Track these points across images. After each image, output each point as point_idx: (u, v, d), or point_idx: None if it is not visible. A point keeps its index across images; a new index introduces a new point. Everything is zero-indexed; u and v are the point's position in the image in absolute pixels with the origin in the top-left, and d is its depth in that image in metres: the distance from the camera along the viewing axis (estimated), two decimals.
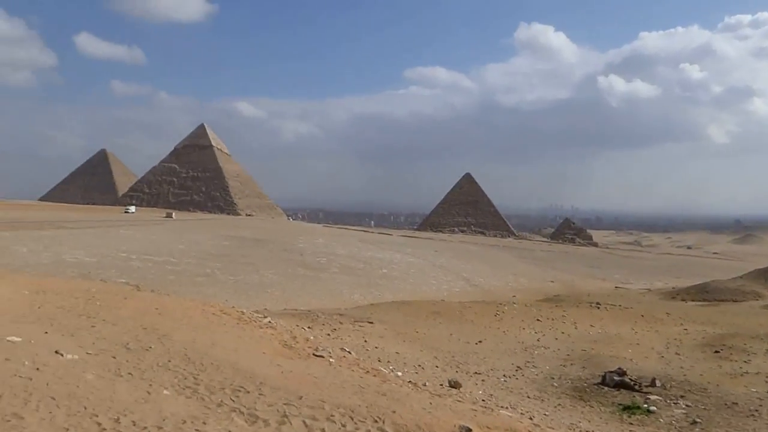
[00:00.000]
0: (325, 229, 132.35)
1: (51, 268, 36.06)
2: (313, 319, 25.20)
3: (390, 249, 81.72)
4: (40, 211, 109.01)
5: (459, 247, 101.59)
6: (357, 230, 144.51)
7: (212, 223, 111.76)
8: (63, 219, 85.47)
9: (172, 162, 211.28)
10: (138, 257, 45.47)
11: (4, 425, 5.97)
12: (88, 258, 41.85)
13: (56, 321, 11.47)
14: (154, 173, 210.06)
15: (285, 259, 55.85)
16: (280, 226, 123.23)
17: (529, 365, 20.60)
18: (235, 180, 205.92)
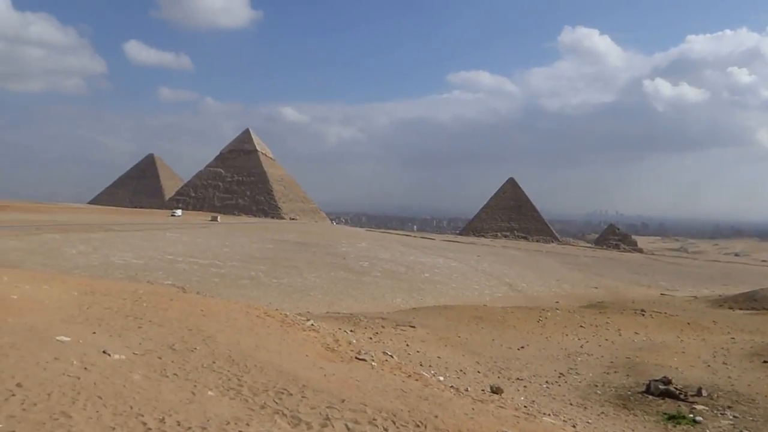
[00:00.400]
0: (368, 233, 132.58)
1: (99, 269, 36.79)
2: (356, 323, 25.21)
3: (432, 253, 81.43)
4: (90, 214, 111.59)
5: (502, 252, 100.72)
6: (399, 234, 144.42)
7: (256, 227, 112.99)
8: (111, 222, 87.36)
9: (217, 166, 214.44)
10: (184, 260, 46.13)
11: (53, 423, 6.06)
12: (135, 260, 42.61)
13: (104, 321, 11.66)
14: (200, 177, 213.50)
15: (328, 262, 56.06)
16: (324, 230, 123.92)
17: (572, 372, 20.24)
18: (279, 184, 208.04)
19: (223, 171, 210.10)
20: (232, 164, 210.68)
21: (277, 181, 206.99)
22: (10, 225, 65.03)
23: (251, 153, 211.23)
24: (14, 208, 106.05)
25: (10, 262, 34.39)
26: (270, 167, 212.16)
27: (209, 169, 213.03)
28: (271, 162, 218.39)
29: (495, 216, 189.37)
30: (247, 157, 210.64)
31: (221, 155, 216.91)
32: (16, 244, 46.17)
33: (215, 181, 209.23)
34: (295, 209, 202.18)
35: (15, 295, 13.62)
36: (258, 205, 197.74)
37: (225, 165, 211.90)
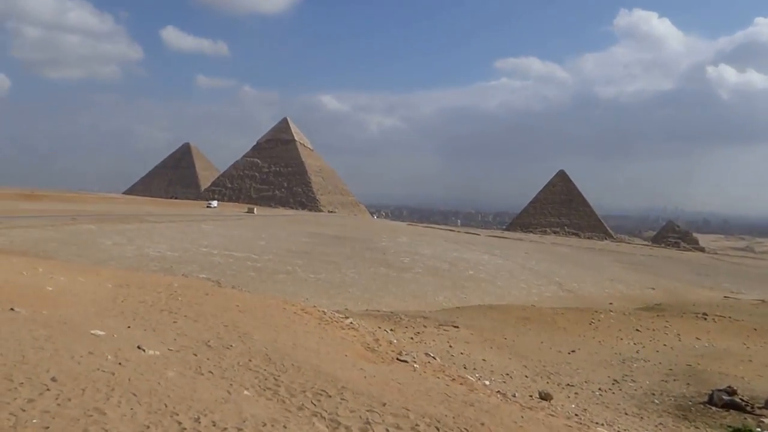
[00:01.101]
0: (409, 228, 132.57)
1: (134, 261, 37.51)
2: (396, 321, 25.24)
3: (477, 249, 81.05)
4: (125, 205, 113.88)
5: (551, 249, 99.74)
6: (442, 229, 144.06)
7: (294, 220, 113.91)
8: (146, 213, 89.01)
9: (254, 156, 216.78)
10: (219, 252, 46.74)
11: (87, 420, 6.17)
12: (170, 252, 43.33)
13: (138, 315, 11.88)
14: (237, 168, 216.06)
15: (367, 257, 56.21)
16: (363, 224, 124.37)
17: (626, 379, 19.95)
18: (318, 175, 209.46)
19: (260, 161, 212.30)
20: (270, 154, 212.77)
21: (315, 173, 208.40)
22: (45, 215, 66.80)
23: (289, 143, 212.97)
24: (50, 198, 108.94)
25: (45, 253, 35.29)
26: (308, 158, 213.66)
27: (246, 159, 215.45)
28: (309, 152, 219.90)
29: (544, 211, 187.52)
30: (284, 147, 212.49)
31: (258, 145, 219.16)
32: (51, 234, 47.36)
33: (252, 172, 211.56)
34: (333, 202, 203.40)
35: (50, 286, 13.96)
36: (295, 197, 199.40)
37: (262, 155, 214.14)
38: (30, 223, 54.51)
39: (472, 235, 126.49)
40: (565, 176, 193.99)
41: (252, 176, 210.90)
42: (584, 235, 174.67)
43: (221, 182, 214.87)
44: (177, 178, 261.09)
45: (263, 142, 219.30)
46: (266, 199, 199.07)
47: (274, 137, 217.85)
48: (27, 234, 45.93)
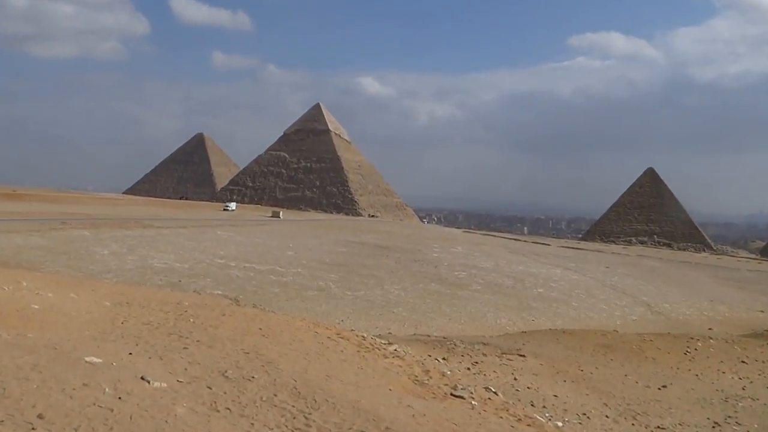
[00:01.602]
0: (467, 236, 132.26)
1: (136, 274, 37.98)
2: (450, 349, 25.07)
3: (548, 263, 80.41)
4: (125, 207, 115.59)
5: (637, 263, 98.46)
6: (506, 238, 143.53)
7: (327, 225, 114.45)
8: (151, 216, 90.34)
9: (280, 150, 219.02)
10: (238, 264, 47.12)
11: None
12: (179, 264, 43.81)
13: (142, 340, 11.91)
14: (260, 163, 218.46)
15: (415, 271, 56.12)
16: (411, 231, 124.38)
17: (730, 421, 19.50)
18: (357, 173, 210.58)
19: (287, 155, 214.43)
20: (299, 147, 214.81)
21: (353, 169, 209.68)
22: (30, 218, 67.96)
23: (322, 134, 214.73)
24: (35, 197, 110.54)
25: (30, 264, 35.90)
26: (345, 151, 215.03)
27: (270, 154, 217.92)
28: (346, 145, 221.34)
29: (629, 216, 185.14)
30: (317, 138, 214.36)
31: (285, 136, 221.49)
32: (37, 241, 48.18)
33: (278, 168, 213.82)
34: (375, 204, 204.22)
35: (36, 304, 14.09)
36: (329, 198, 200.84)
37: (290, 148, 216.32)
38: (11, 228, 55.29)
39: (541, 245, 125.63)
40: (654, 175, 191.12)
41: (278, 173, 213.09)
42: (677, 245, 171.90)
43: (241, 180, 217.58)
44: (188, 175, 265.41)
45: (291, 132, 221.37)
46: (294, 201, 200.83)
47: (304, 127, 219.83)
48: (8, 240, 46.68)
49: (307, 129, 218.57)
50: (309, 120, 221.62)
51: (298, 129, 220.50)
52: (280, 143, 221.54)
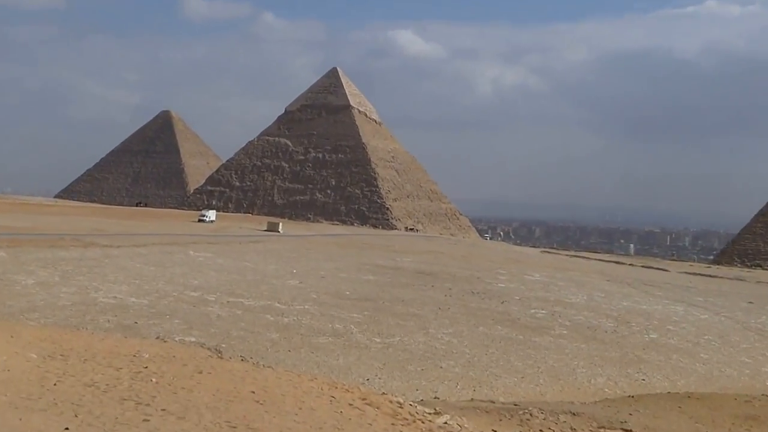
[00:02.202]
0: (547, 258, 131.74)
1: (74, 314, 38.08)
2: (524, 421, 24.96)
3: (665, 296, 79.91)
4: (59, 216, 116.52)
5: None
6: (604, 260, 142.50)
7: (347, 243, 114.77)
8: (94, 230, 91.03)
9: (280, 134, 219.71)
10: (219, 299, 47.33)
11: None
12: (135, 298, 44.05)
13: (83, 409, 11.92)
14: (250, 154, 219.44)
15: (474, 308, 56.04)
16: (467, 251, 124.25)
17: None
18: (389, 167, 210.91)
19: (289, 143, 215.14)
20: (307, 131, 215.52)
21: (385, 162, 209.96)
22: None
23: (340, 111, 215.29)
24: None
25: None
26: (373, 137, 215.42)
27: (266, 140, 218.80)
28: (374, 128, 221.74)
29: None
30: (332, 118, 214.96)
31: (287, 115, 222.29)
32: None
33: (276, 161, 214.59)
34: (415, 212, 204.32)
35: None
36: (350, 204, 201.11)
37: (294, 132, 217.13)
38: None
39: (654, 270, 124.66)
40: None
41: (276, 168, 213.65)
42: None
43: (223, 178, 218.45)
44: (148, 170, 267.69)
45: (296, 110, 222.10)
46: (300, 208, 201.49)
47: (314, 101, 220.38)
48: None
49: (318, 104, 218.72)
50: (322, 92, 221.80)
51: (306, 105, 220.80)
52: (280, 125, 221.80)
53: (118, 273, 54.10)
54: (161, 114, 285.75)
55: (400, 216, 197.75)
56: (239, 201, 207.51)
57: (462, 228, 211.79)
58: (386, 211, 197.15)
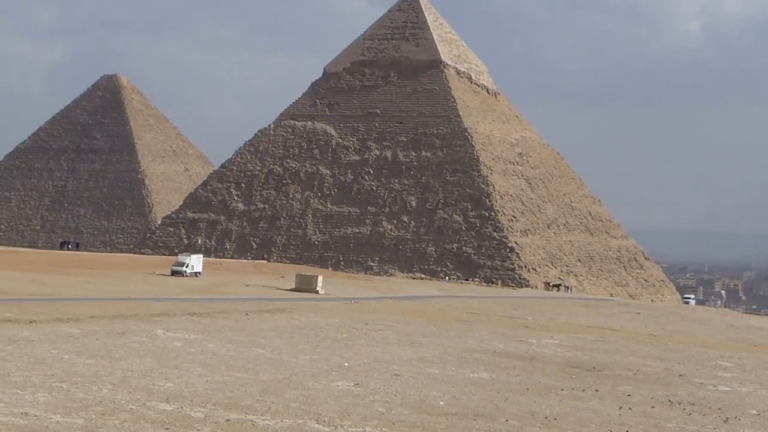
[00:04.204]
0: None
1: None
2: None
3: None
4: None
5: None
6: None
7: (441, 312, 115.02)
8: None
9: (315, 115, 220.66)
10: (210, 416, 47.36)
11: None
12: (60, 416, 44.27)
13: None
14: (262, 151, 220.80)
15: (674, 430, 56.00)
16: (658, 324, 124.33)
17: None
18: (514, 172, 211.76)
19: (332, 131, 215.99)
20: (364, 108, 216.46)
21: (507, 163, 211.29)
22: None
23: (424, 71, 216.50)
24: None
25: None
26: (484, 117, 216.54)
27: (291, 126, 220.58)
28: (487, 101, 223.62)
29: None
30: (409, 85, 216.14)
31: (328, 80, 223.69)
32: None
33: (310, 163, 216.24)
34: (563, 254, 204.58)
35: None
36: (445, 241, 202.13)
37: (340, 111, 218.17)
38: None
39: None
40: None
41: (310, 176, 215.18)
42: None
43: (215, 196, 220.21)
44: (80, 183, 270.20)
45: (343, 70, 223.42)
46: (354, 249, 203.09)
47: (376, 55, 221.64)
48: None
49: (384, 61, 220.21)
50: (390, 37, 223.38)
51: (362, 61, 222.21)
52: (316, 99, 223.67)
53: (30, 370, 54.38)
54: (102, 81, 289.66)
55: (535, 262, 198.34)
56: (244, 237, 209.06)
57: (649, 283, 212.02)
58: (510, 254, 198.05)
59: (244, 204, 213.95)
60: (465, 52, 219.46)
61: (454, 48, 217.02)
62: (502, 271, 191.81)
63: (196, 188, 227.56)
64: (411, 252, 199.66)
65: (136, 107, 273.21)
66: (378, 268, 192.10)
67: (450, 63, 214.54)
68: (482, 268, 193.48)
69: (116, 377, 54.52)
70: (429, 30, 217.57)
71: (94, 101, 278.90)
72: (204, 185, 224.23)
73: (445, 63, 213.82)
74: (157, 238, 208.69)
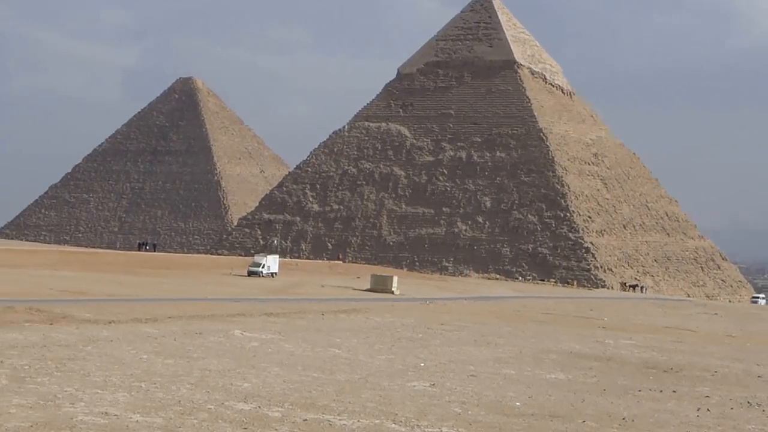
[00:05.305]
0: None
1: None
2: None
3: None
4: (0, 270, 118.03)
5: None
6: None
7: (517, 312, 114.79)
8: (67, 292, 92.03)
9: (389, 116, 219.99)
10: (287, 415, 47.22)
11: None
12: (140, 415, 44.23)
13: None
14: (337, 153, 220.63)
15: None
16: (737, 325, 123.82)
17: None
18: (590, 173, 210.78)
19: (407, 132, 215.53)
20: (438, 109, 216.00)
21: (582, 164, 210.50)
22: None
23: (498, 71, 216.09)
24: None
25: None
26: (559, 118, 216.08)
27: (365, 127, 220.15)
28: (562, 101, 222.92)
29: None
30: (483, 85, 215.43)
31: (402, 81, 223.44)
32: None
33: (384, 164, 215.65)
34: (639, 254, 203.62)
35: None
36: (520, 241, 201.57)
37: (414, 113, 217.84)
38: None
39: None
40: None
41: (385, 178, 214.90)
42: None
43: (291, 198, 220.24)
44: (157, 185, 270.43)
45: (417, 71, 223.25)
46: (430, 249, 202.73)
47: (450, 56, 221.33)
48: None
49: (458, 61, 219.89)
50: (464, 38, 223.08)
51: (436, 62, 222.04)
52: (390, 100, 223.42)
53: (110, 370, 54.39)
54: (178, 83, 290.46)
55: (611, 263, 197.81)
56: (319, 238, 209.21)
57: (727, 284, 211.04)
58: (585, 255, 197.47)
59: (319, 205, 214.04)
60: (539, 52, 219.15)
61: (528, 48, 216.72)
62: (578, 272, 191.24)
63: (271, 189, 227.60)
64: (486, 252, 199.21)
65: (211, 109, 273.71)
66: (453, 268, 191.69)
67: (524, 63, 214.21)
68: (558, 269, 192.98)
69: (194, 377, 54.64)
70: (502, 30, 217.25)
71: (170, 104, 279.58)
72: (279, 186, 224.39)
73: (519, 63, 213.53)
74: (233, 239, 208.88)
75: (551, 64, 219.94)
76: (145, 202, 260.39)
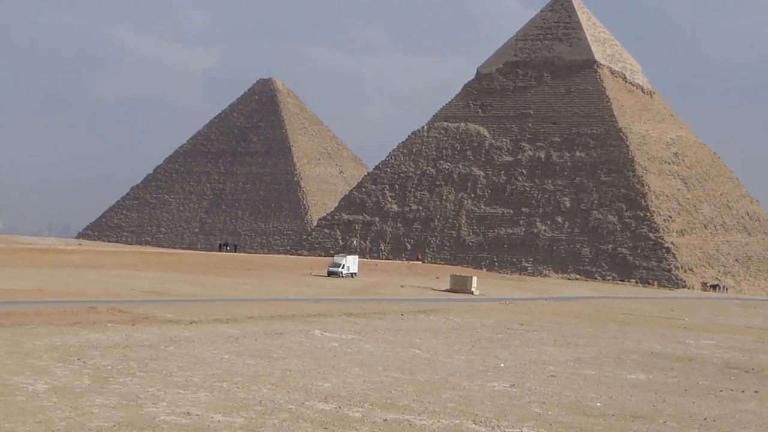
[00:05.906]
0: None
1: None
2: None
3: None
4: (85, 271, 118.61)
5: None
6: None
7: (597, 312, 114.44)
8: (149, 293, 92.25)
9: (468, 116, 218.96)
10: (368, 415, 47.17)
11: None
12: (221, 415, 44.25)
13: None
14: (416, 153, 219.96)
15: None
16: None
17: None
18: (671, 172, 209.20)
19: (486, 132, 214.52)
20: (517, 109, 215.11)
21: (663, 163, 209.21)
22: None
23: (578, 71, 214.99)
24: None
25: None
26: (640, 117, 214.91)
27: (444, 127, 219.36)
28: (642, 100, 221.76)
29: None
30: (562, 85, 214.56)
31: (481, 81, 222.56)
32: None
33: (464, 164, 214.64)
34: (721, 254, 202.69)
35: None
36: (600, 241, 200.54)
37: (493, 113, 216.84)
38: None
39: None
40: None
41: (464, 178, 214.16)
42: None
43: (370, 198, 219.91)
44: (237, 185, 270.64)
45: (496, 71, 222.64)
46: (509, 249, 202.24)
47: (529, 56, 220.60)
48: None
49: (537, 61, 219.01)
50: (543, 38, 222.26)
51: (515, 62, 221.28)
52: (469, 100, 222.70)
53: (192, 370, 54.55)
54: (258, 85, 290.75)
55: (692, 263, 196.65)
56: (398, 238, 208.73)
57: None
58: (666, 255, 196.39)
59: (398, 205, 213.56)
60: (619, 51, 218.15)
61: (608, 47, 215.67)
62: (658, 272, 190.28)
63: (350, 190, 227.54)
64: (565, 253, 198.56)
65: (291, 110, 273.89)
66: (532, 268, 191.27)
67: (604, 62, 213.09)
68: (638, 269, 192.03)
69: (275, 377, 54.74)
70: (582, 30, 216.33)
71: (250, 105, 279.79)
72: (358, 187, 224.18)
73: (599, 63, 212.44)
74: (312, 240, 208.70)
75: (631, 63, 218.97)
76: (226, 203, 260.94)
